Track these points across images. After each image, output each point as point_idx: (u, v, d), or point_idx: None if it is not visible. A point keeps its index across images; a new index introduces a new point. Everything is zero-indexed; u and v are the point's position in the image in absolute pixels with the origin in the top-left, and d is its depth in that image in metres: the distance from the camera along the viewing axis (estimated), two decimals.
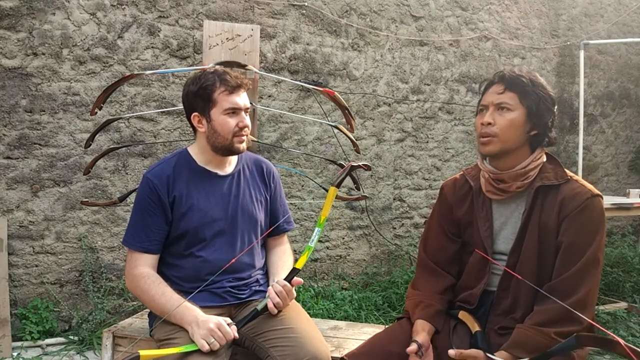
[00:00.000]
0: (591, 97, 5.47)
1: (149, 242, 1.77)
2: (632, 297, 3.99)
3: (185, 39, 3.65)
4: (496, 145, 1.61)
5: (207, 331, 1.57)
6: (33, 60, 3.28)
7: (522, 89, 1.59)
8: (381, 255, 4.46)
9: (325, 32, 4.15)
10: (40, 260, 3.37)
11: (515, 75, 1.61)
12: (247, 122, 1.80)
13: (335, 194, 1.74)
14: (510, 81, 1.61)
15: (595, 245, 1.52)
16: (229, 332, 1.59)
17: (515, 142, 1.60)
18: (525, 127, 1.59)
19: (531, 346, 1.45)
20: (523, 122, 1.59)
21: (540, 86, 1.61)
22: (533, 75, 1.63)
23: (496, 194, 1.65)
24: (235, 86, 1.77)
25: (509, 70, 1.65)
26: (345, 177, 1.76)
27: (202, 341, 1.55)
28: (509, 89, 1.60)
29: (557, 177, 1.59)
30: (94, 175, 3.43)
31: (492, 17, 4.86)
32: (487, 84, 1.68)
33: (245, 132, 1.80)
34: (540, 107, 1.59)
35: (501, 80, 1.63)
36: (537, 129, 1.60)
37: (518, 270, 1.59)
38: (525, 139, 1.61)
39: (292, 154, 4.03)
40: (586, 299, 1.49)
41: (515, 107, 1.59)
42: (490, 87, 1.65)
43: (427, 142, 4.64)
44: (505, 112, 1.59)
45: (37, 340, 3.20)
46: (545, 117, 1.60)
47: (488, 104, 1.63)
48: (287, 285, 1.71)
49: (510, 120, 1.59)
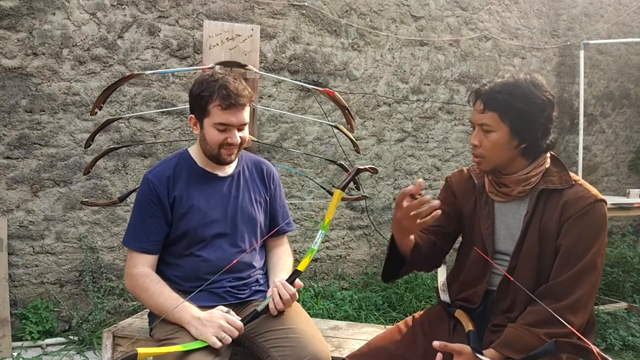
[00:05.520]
0: (591, 97, 5.47)
1: (149, 242, 1.77)
2: (632, 297, 4.00)
3: (185, 39, 3.65)
4: (486, 165, 1.61)
5: (217, 327, 1.57)
6: (33, 60, 3.27)
7: (502, 107, 1.53)
8: (381, 255, 4.46)
9: (325, 32, 4.15)
10: (40, 260, 3.37)
11: (494, 91, 1.54)
12: (236, 139, 1.74)
13: (341, 197, 1.73)
14: (488, 99, 1.54)
15: (595, 250, 1.51)
16: (236, 322, 1.59)
17: (505, 159, 1.58)
18: (511, 144, 1.55)
19: (521, 346, 1.46)
20: (507, 141, 1.55)
21: (523, 97, 1.52)
22: (516, 84, 1.54)
23: (499, 196, 1.66)
24: (231, 104, 1.70)
25: (489, 83, 1.57)
26: (351, 179, 1.76)
27: (214, 338, 1.55)
28: (488, 108, 1.54)
29: (561, 182, 1.58)
30: (94, 175, 3.43)
31: (492, 17, 4.86)
32: (471, 99, 1.63)
33: (233, 147, 1.76)
34: (524, 121, 1.53)
35: (479, 97, 1.58)
36: (525, 143, 1.56)
37: (518, 271, 1.60)
38: (515, 154, 1.57)
39: (292, 154, 4.03)
40: (579, 303, 1.49)
41: (497, 127, 1.54)
42: (474, 104, 1.61)
43: (427, 142, 4.64)
44: (488, 133, 1.56)
45: (37, 340, 3.20)
46: (533, 130, 1.54)
47: (474, 123, 1.61)
48: (291, 289, 1.70)
49: (493, 142, 1.55)
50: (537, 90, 1.54)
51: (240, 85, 1.74)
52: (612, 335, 3.40)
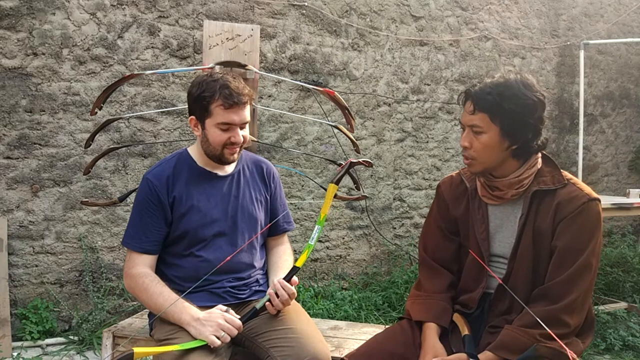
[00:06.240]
0: (591, 97, 5.47)
1: (148, 242, 1.77)
2: (632, 297, 3.99)
3: (185, 39, 3.65)
4: (477, 167, 1.59)
5: (216, 326, 1.57)
6: (33, 60, 3.28)
7: (491, 108, 1.51)
8: (381, 255, 4.46)
9: (325, 32, 4.15)
10: (40, 260, 3.37)
11: (484, 92, 1.52)
12: (239, 138, 1.76)
13: (335, 191, 1.73)
14: (477, 100, 1.52)
15: (590, 250, 1.51)
16: (235, 320, 1.59)
17: (496, 160, 1.57)
18: (502, 146, 1.54)
19: (517, 347, 1.46)
20: (498, 142, 1.53)
21: (514, 98, 1.49)
22: (506, 85, 1.52)
23: (492, 199, 1.65)
24: (233, 103, 1.71)
25: (479, 84, 1.56)
26: (344, 173, 1.76)
27: (212, 337, 1.55)
28: (478, 109, 1.52)
29: (554, 182, 1.57)
30: (94, 175, 3.43)
31: (492, 17, 4.86)
32: (461, 100, 1.61)
33: (237, 146, 1.78)
34: (514, 122, 1.51)
35: (469, 97, 1.56)
36: (516, 144, 1.54)
37: (514, 274, 1.60)
38: (506, 155, 1.56)
39: (292, 154, 4.03)
40: (575, 304, 1.49)
41: (487, 128, 1.53)
42: (464, 104, 1.59)
43: (427, 142, 4.64)
44: (479, 135, 1.54)
45: (37, 340, 3.20)
46: (523, 131, 1.52)
47: (464, 124, 1.59)
48: (290, 289, 1.70)
49: (483, 143, 1.54)
50: (527, 90, 1.52)
51: (241, 84, 1.76)
52: (612, 335, 3.40)
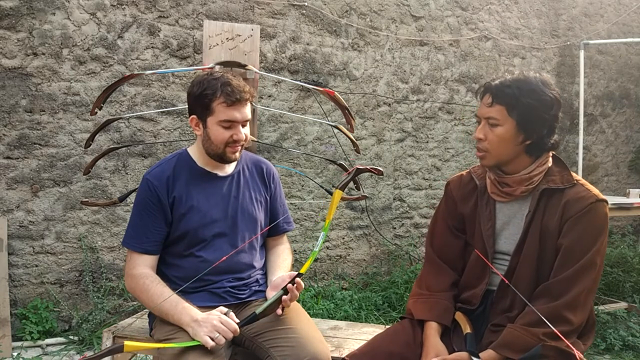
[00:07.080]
0: (591, 97, 5.47)
1: (148, 243, 1.77)
2: (632, 297, 3.99)
3: (185, 39, 3.65)
4: (490, 160, 1.61)
5: (211, 327, 1.56)
6: (33, 60, 3.28)
7: (510, 101, 1.54)
8: (381, 255, 4.46)
9: (325, 32, 4.15)
10: (40, 260, 3.37)
11: (503, 85, 1.55)
12: (241, 135, 1.77)
13: (340, 197, 1.73)
14: (497, 92, 1.56)
15: (595, 249, 1.51)
16: (231, 323, 1.58)
17: (509, 154, 1.58)
18: (516, 140, 1.56)
19: (519, 346, 1.46)
20: (513, 136, 1.56)
21: (532, 93, 1.53)
22: (525, 80, 1.55)
23: (501, 196, 1.66)
24: (235, 100, 1.72)
25: (499, 78, 1.59)
26: (350, 180, 1.76)
27: (206, 337, 1.54)
28: (497, 102, 1.55)
29: (562, 181, 1.59)
30: (94, 175, 3.43)
31: (492, 17, 4.86)
32: (479, 93, 1.64)
33: (239, 144, 1.78)
34: (531, 117, 1.54)
35: (488, 90, 1.59)
36: (530, 139, 1.56)
37: (518, 271, 1.60)
38: (520, 150, 1.58)
39: (292, 154, 4.03)
40: (577, 300, 1.49)
41: (504, 121, 1.55)
42: (482, 97, 1.62)
43: (427, 142, 4.64)
44: (495, 127, 1.57)
45: (37, 340, 3.20)
46: (539, 126, 1.55)
47: (480, 117, 1.62)
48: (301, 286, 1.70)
49: (499, 135, 1.56)
50: (545, 87, 1.55)
51: (241, 82, 1.77)
52: (612, 335, 3.40)
